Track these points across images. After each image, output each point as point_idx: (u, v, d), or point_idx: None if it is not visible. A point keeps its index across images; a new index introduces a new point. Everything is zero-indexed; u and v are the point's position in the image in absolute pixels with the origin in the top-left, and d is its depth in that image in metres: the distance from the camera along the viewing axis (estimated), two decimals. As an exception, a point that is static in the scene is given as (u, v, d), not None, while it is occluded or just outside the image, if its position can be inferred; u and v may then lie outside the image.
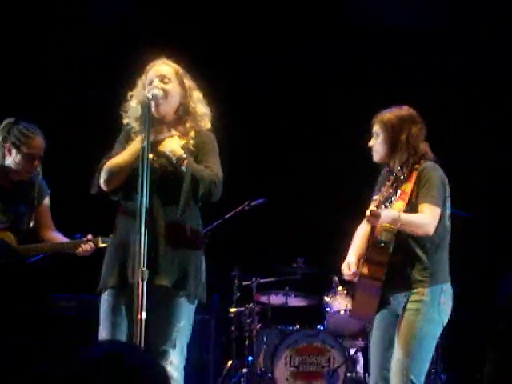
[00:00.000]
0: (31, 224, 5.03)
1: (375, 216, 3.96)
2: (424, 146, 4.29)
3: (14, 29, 7.43)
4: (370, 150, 4.36)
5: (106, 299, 3.99)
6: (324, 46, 7.88)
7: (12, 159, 4.85)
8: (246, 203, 6.92)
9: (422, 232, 4.08)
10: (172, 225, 3.97)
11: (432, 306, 4.09)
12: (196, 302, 4.05)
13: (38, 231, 5.09)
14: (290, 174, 8.20)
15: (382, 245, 4.12)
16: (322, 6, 7.78)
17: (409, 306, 4.11)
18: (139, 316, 3.50)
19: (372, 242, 4.20)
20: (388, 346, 4.17)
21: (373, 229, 4.18)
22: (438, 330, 4.17)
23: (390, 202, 4.02)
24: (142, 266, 3.56)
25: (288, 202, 8.07)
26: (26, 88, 7.37)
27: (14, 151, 4.83)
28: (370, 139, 4.35)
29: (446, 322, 4.18)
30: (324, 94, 8.07)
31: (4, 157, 4.86)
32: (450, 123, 7.24)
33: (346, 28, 7.76)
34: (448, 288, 4.18)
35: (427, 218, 4.08)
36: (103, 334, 3.95)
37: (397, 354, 4.08)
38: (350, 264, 4.31)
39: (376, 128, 4.31)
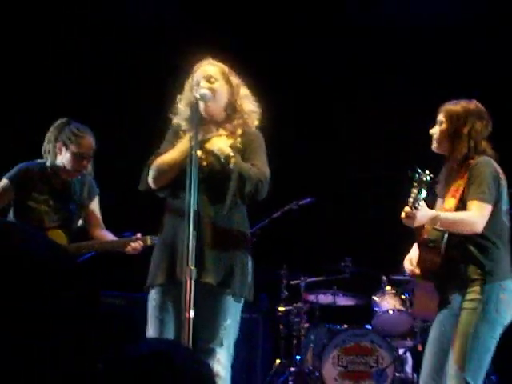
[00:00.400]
0: (81, 222, 5.10)
1: (410, 217, 3.89)
2: (485, 143, 4.18)
3: (61, 33, 7.53)
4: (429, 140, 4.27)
5: (153, 297, 4.02)
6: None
7: (62, 158, 4.92)
8: (294, 202, 6.92)
9: (469, 230, 3.99)
10: (219, 223, 3.99)
11: (489, 305, 3.97)
12: (242, 300, 4.06)
13: (88, 230, 5.16)
14: (337, 172, 8.18)
15: (431, 244, 4.05)
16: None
17: (465, 305, 4.00)
18: (187, 314, 3.52)
19: (421, 241, 4.13)
20: (443, 348, 4.08)
21: (420, 228, 4.12)
22: (498, 330, 4.01)
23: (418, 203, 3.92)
24: (190, 264, 3.57)
25: (336, 200, 8.05)
26: (76, 90, 7.46)
27: (64, 150, 4.90)
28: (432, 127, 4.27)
29: (508, 320, 4.04)
30: (372, 92, 8.03)
31: (55, 156, 4.93)
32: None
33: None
34: (508, 285, 4.03)
35: (474, 215, 3.99)
36: (150, 331, 3.98)
37: (452, 355, 3.98)
38: (411, 259, 4.24)
39: (440, 117, 4.22)
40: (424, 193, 3.87)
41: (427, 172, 3.89)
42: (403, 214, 3.92)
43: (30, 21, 7.38)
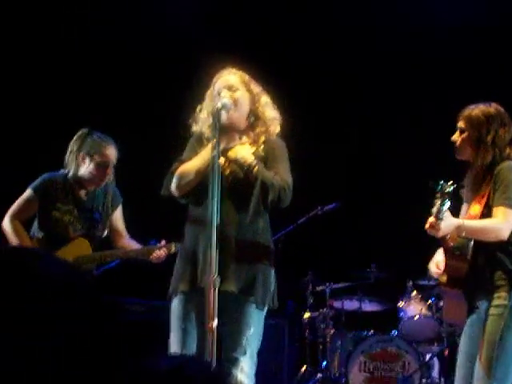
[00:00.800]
0: (105, 231, 5.12)
1: (435, 228, 3.85)
2: (509, 149, 4.11)
3: (81, 45, 7.59)
4: (452, 146, 4.20)
5: (175, 306, 4.02)
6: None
7: (85, 168, 4.94)
8: (319, 208, 6.90)
9: (494, 237, 3.93)
10: (242, 231, 3.98)
11: None
12: (265, 309, 4.04)
13: (112, 238, 5.18)
14: (362, 178, 8.16)
15: (458, 252, 4.03)
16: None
17: (491, 311, 3.95)
18: (210, 324, 3.52)
19: (447, 249, 4.10)
20: (474, 356, 4.00)
21: (445, 235, 4.09)
22: None
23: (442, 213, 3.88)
24: (213, 273, 3.57)
25: (360, 206, 8.02)
26: (97, 100, 7.51)
27: (87, 160, 4.93)
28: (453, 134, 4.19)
29: None
30: (402, 99, 8.00)
31: (78, 167, 4.95)
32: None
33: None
34: None
35: (499, 222, 3.94)
36: (174, 339, 3.98)
37: (479, 362, 3.93)
38: (438, 262, 4.21)
39: (461, 124, 4.13)
40: (448, 203, 3.84)
41: (450, 182, 3.84)
42: (427, 225, 3.88)
43: (51, 34, 7.44)
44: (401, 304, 7.29)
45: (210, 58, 4.56)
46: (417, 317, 7.11)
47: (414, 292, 7.23)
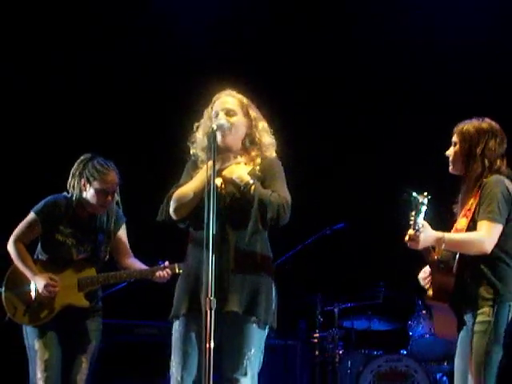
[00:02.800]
0: (108, 253, 5.14)
1: (414, 240, 3.88)
2: (500, 161, 4.14)
3: (80, 66, 7.67)
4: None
5: (176, 328, 4.01)
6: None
7: (87, 194, 4.96)
8: (327, 228, 6.91)
9: (476, 251, 3.94)
10: (241, 251, 3.96)
11: (499, 327, 3.93)
12: (267, 328, 4.02)
13: (117, 258, 5.18)
14: (369, 197, 8.14)
15: (442, 265, 4.04)
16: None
17: (476, 327, 3.95)
18: (207, 345, 3.51)
19: (432, 263, 4.12)
20: (467, 371, 4.00)
21: (428, 251, 4.09)
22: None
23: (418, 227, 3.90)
24: (209, 295, 3.57)
25: (369, 225, 8.00)
26: (99, 124, 7.58)
27: (88, 186, 4.95)
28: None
29: None
30: (404, 114, 8.01)
31: (80, 191, 4.97)
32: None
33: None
34: None
35: (482, 235, 3.94)
36: (174, 362, 3.97)
37: (471, 379, 3.93)
38: (426, 272, 4.24)
39: (454, 138, 4.22)
40: (422, 214, 3.85)
41: (425, 194, 3.86)
42: (407, 237, 3.91)
43: (51, 51, 7.55)
44: (410, 323, 7.26)
45: (211, 79, 4.58)
46: (427, 335, 7.09)
47: (424, 311, 7.20)
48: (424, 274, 4.25)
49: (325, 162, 8.04)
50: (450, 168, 4.25)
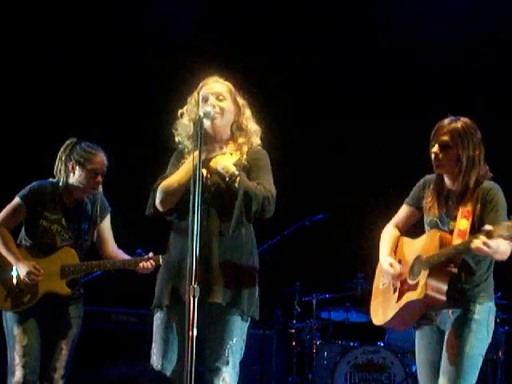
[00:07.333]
0: (93, 240, 5.14)
1: (489, 247, 3.69)
2: (484, 165, 4.12)
3: (67, 51, 7.65)
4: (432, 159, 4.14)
5: (158, 317, 4.02)
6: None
7: (76, 177, 4.95)
8: (307, 219, 6.94)
9: (501, 258, 3.87)
10: (226, 242, 3.96)
11: (482, 325, 3.99)
12: (249, 319, 4.04)
13: (100, 248, 5.19)
14: (349, 189, 8.18)
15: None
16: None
17: (459, 323, 3.99)
18: (190, 333, 3.51)
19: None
20: (438, 368, 4.02)
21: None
22: (486, 348, 4.02)
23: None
24: (192, 283, 3.57)
25: (348, 217, 8.04)
26: (85, 112, 7.56)
27: (77, 169, 4.94)
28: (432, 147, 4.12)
29: (490, 340, 4.05)
30: (388, 110, 8.06)
31: (68, 175, 4.97)
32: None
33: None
34: (493, 306, 4.08)
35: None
36: (155, 350, 3.99)
37: (446, 373, 3.94)
38: (393, 263, 4.29)
39: (446, 138, 4.04)
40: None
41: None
42: (480, 244, 3.71)
43: (41, 41, 7.51)
44: (387, 315, 7.29)
45: (198, 65, 4.58)
46: (403, 328, 7.12)
47: (400, 303, 7.23)
48: (394, 270, 4.26)
49: (306, 152, 8.07)
50: (438, 169, 4.15)
